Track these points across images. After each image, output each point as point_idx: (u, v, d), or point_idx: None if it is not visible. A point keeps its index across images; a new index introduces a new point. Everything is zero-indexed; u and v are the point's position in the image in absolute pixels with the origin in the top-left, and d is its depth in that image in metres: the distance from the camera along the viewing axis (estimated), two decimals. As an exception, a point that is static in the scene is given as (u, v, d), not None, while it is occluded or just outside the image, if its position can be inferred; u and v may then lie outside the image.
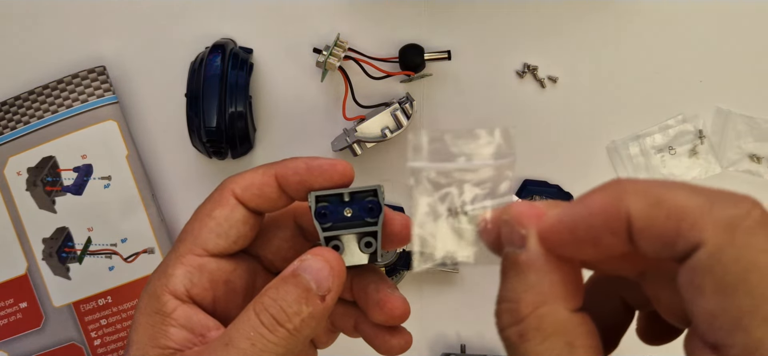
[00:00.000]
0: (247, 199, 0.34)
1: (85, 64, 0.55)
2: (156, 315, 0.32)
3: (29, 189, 0.54)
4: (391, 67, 0.54)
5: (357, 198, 0.33)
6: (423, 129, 0.40)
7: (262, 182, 0.34)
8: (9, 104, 0.55)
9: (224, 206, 0.33)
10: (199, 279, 0.33)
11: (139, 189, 0.54)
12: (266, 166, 0.34)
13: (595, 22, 0.56)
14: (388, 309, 0.35)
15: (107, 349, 0.54)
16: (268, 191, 0.34)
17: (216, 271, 0.34)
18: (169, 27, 0.56)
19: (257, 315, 0.30)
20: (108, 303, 0.54)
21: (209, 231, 0.33)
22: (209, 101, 0.51)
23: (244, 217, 0.34)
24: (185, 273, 0.33)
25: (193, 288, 0.33)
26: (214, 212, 0.33)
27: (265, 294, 0.30)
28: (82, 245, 0.53)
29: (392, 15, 0.56)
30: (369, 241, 0.33)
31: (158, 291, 0.32)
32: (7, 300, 0.54)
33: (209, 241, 0.33)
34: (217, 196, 0.34)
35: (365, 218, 0.33)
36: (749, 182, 0.56)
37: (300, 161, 0.34)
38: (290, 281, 0.30)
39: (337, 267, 0.31)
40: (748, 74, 0.56)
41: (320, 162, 0.33)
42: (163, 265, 0.34)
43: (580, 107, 0.56)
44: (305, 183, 0.33)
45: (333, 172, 0.33)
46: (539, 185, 0.55)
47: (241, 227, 0.34)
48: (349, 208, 0.33)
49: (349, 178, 0.34)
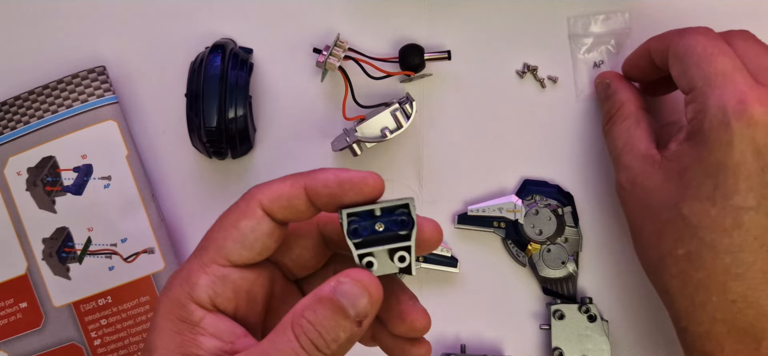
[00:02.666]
0: (274, 210, 0.33)
1: (85, 64, 0.55)
2: (183, 324, 0.32)
3: (29, 189, 0.54)
4: (391, 67, 0.54)
5: (387, 211, 0.33)
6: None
7: (290, 194, 0.33)
8: (9, 104, 0.55)
9: (250, 217, 0.33)
10: (223, 288, 0.33)
11: (139, 189, 0.54)
12: (294, 177, 0.34)
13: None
14: (409, 320, 0.35)
15: (107, 349, 0.54)
16: (296, 203, 0.33)
17: (239, 281, 0.33)
18: (169, 27, 0.56)
19: (297, 338, 0.30)
20: (108, 303, 0.54)
21: (234, 242, 0.33)
22: (209, 101, 0.51)
23: (270, 229, 0.34)
24: (209, 283, 0.33)
25: (216, 298, 0.33)
26: (240, 223, 0.33)
27: (303, 315, 0.30)
28: (82, 245, 0.53)
29: (392, 15, 0.56)
30: (402, 256, 0.32)
31: (182, 299, 0.32)
32: (7, 300, 0.54)
33: (233, 252, 0.33)
34: (244, 205, 0.33)
35: (397, 231, 0.32)
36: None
37: (330, 173, 0.33)
38: (328, 305, 0.30)
39: (375, 294, 0.31)
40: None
41: (351, 175, 0.33)
42: (185, 272, 0.33)
43: (581, 107, 0.56)
44: (335, 197, 0.33)
45: (364, 185, 0.33)
46: (539, 185, 0.55)
47: (266, 239, 0.34)
48: (380, 222, 0.32)
49: (380, 191, 0.33)
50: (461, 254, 0.55)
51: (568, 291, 0.54)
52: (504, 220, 0.55)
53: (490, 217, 0.54)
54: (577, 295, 0.55)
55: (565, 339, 0.53)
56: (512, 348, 0.55)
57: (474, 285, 0.56)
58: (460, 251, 0.55)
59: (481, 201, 0.55)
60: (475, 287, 0.56)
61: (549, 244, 0.54)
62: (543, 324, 0.55)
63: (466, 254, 0.55)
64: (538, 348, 0.55)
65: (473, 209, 0.54)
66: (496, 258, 0.56)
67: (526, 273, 0.56)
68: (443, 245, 0.55)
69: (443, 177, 0.56)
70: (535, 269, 0.54)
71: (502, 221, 0.55)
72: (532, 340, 0.56)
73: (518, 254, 0.55)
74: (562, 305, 0.54)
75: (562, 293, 0.55)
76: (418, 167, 0.56)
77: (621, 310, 0.55)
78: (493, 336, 0.55)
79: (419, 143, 0.56)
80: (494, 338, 0.55)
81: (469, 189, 0.56)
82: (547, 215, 0.54)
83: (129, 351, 0.54)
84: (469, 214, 0.54)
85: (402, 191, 0.56)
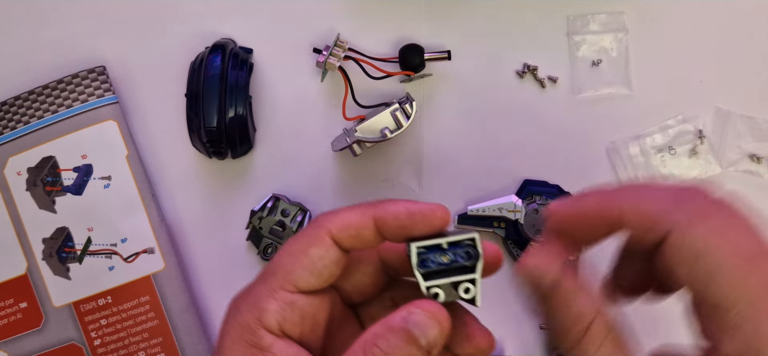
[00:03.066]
0: (343, 239, 0.34)
1: (85, 64, 0.55)
2: (253, 348, 0.33)
3: (29, 189, 0.54)
4: (391, 67, 0.54)
5: (454, 245, 0.33)
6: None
7: (359, 224, 0.34)
8: (9, 104, 0.55)
9: (320, 245, 0.34)
10: (291, 314, 0.34)
11: (139, 189, 0.54)
12: (363, 207, 0.35)
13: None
14: (476, 342, 0.36)
15: (107, 349, 0.54)
16: (365, 233, 0.34)
17: (305, 307, 0.34)
18: (169, 27, 0.56)
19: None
20: (108, 303, 0.54)
21: (303, 269, 0.34)
22: (209, 101, 0.51)
23: (338, 257, 0.34)
24: (278, 309, 0.33)
25: (285, 323, 0.33)
26: (310, 250, 0.34)
27: (375, 343, 0.31)
28: (82, 245, 0.53)
29: (392, 15, 0.56)
30: (468, 287, 0.33)
31: (252, 324, 0.33)
32: (7, 300, 0.54)
33: (302, 279, 0.34)
34: (313, 233, 0.34)
35: (463, 263, 0.33)
36: (749, 182, 0.56)
37: (400, 205, 0.34)
38: (399, 334, 0.31)
39: (444, 324, 0.31)
40: (748, 74, 0.56)
41: (421, 207, 0.34)
42: (253, 297, 0.34)
43: (581, 107, 0.56)
44: (405, 229, 0.34)
45: (433, 218, 0.34)
46: (539, 185, 0.55)
47: (333, 267, 0.34)
48: (446, 254, 0.33)
49: (448, 223, 0.34)
50: (461, 254, 0.55)
51: (568, 291, 0.54)
52: (504, 220, 0.55)
53: (490, 217, 0.54)
54: (577, 295, 0.55)
55: (565, 339, 0.53)
56: (512, 348, 0.55)
57: (474, 284, 0.56)
58: (460, 251, 0.55)
59: (481, 201, 0.55)
60: (475, 287, 0.56)
61: (549, 244, 0.54)
62: (543, 324, 0.55)
63: (466, 254, 0.55)
64: (538, 348, 0.55)
65: (473, 209, 0.54)
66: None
67: (526, 272, 0.56)
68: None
69: (443, 177, 0.56)
70: (535, 269, 0.54)
71: (502, 221, 0.55)
72: (532, 340, 0.56)
73: (518, 255, 0.55)
74: (562, 305, 0.54)
75: (562, 293, 0.54)
76: (418, 167, 0.56)
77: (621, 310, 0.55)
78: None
79: (419, 143, 0.56)
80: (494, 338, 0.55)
81: (469, 189, 0.56)
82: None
83: (129, 351, 0.54)
84: (469, 214, 0.54)
85: (402, 191, 0.56)
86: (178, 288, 0.54)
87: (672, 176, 0.56)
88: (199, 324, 0.55)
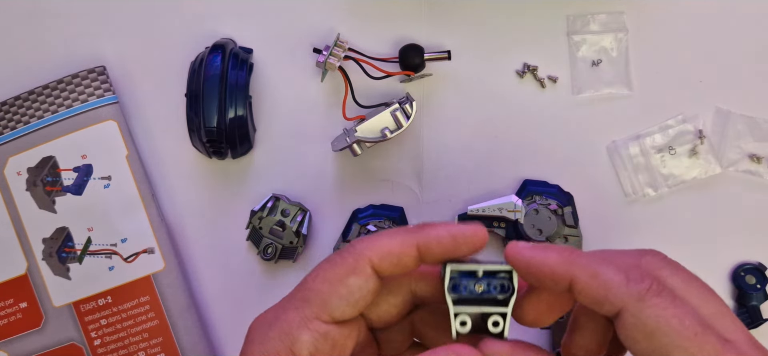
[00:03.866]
0: (383, 268, 0.33)
1: (85, 64, 0.55)
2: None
3: (29, 189, 0.54)
4: (391, 67, 0.54)
5: (489, 274, 0.33)
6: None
7: (401, 252, 0.33)
8: (9, 104, 0.55)
9: (359, 275, 0.33)
10: (323, 345, 0.33)
11: (139, 189, 0.54)
12: (404, 233, 0.34)
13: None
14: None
15: (107, 349, 0.54)
16: (406, 260, 0.33)
17: (337, 337, 0.33)
18: (169, 27, 0.56)
19: None
20: (108, 303, 0.54)
21: (340, 298, 0.33)
22: (209, 101, 0.51)
23: (376, 287, 0.33)
24: (312, 340, 0.32)
25: (316, 354, 0.33)
26: (349, 280, 0.33)
27: None
28: (82, 245, 0.53)
29: (392, 15, 0.56)
30: (497, 321, 0.32)
31: (282, 352, 0.32)
32: (7, 300, 0.54)
33: (338, 309, 0.33)
34: (352, 262, 0.33)
35: (496, 295, 0.32)
36: (749, 181, 0.56)
37: (442, 229, 0.33)
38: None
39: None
40: (748, 74, 0.56)
41: (463, 230, 0.33)
42: (285, 324, 0.33)
43: (581, 107, 0.56)
44: (449, 253, 0.33)
45: (476, 239, 0.33)
46: (539, 185, 0.55)
47: (369, 297, 0.33)
48: (480, 283, 0.33)
49: (485, 243, 0.33)
50: (461, 254, 0.55)
51: (568, 291, 0.54)
52: (504, 220, 0.54)
53: (490, 217, 0.54)
54: (577, 295, 0.55)
55: (565, 339, 0.53)
56: (512, 348, 0.55)
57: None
58: (460, 251, 0.55)
59: (481, 201, 0.55)
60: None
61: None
62: (543, 324, 0.55)
63: (466, 254, 0.55)
64: (538, 348, 0.55)
65: (473, 209, 0.54)
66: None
67: (526, 272, 0.56)
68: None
69: (443, 177, 0.56)
70: (535, 269, 0.54)
71: (502, 221, 0.55)
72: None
73: (518, 254, 0.55)
74: (562, 305, 0.54)
75: (562, 293, 0.54)
76: (418, 167, 0.56)
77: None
78: (493, 336, 0.55)
79: (419, 143, 0.56)
80: (494, 338, 0.55)
81: (469, 189, 0.56)
82: (547, 215, 0.54)
83: (129, 351, 0.54)
84: (469, 214, 0.54)
85: (402, 191, 0.56)
86: (178, 288, 0.54)
87: (672, 176, 0.56)
88: (199, 324, 0.55)
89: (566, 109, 0.56)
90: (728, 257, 0.55)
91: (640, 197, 0.56)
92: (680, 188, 0.56)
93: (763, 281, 0.54)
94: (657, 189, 0.56)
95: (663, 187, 0.56)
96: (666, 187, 0.56)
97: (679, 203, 0.56)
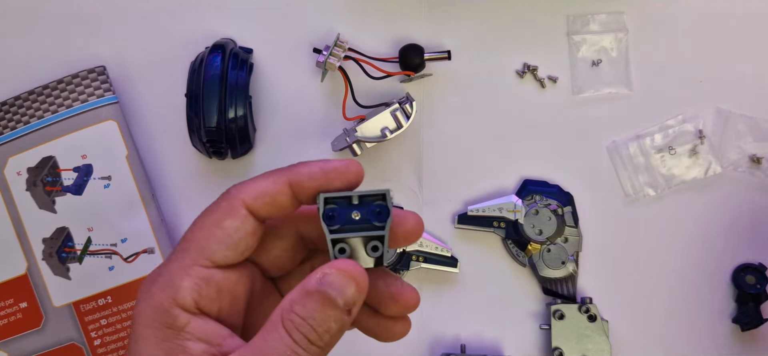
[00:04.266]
0: (258, 208, 0.33)
1: (85, 64, 0.55)
2: (168, 330, 0.31)
3: (29, 189, 0.54)
4: (391, 67, 0.54)
5: (365, 201, 0.33)
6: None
7: (274, 191, 0.33)
8: (9, 104, 0.55)
9: (234, 216, 0.33)
10: (207, 290, 0.32)
11: (139, 189, 0.54)
12: (276, 173, 0.34)
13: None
14: (403, 301, 0.35)
15: (107, 349, 0.54)
16: (281, 199, 0.33)
17: (222, 282, 0.33)
18: (169, 27, 0.56)
19: (289, 334, 0.30)
20: (108, 303, 0.54)
21: (218, 242, 0.32)
22: (209, 101, 0.51)
23: (254, 228, 0.33)
24: (193, 285, 0.32)
25: (201, 300, 0.32)
26: (224, 223, 0.33)
27: (293, 310, 0.30)
28: (82, 245, 0.53)
29: (392, 15, 0.56)
30: (375, 245, 0.32)
31: (166, 304, 0.31)
32: (7, 300, 0.54)
33: (217, 253, 0.32)
34: (226, 205, 0.33)
35: (373, 221, 0.32)
36: (749, 182, 0.56)
37: (314, 165, 0.33)
38: (316, 297, 0.30)
39: (361, 281, 0.31)
40: (748, 74, 0.56)
41: (335, 164, 0.33)
42: (167, 276, 0.32)
43: (581, 107, 0.56)
44: (322, 188, 0.33)
45: (348, 173, 0.33)
46: (539, 185, 0.55)
47: (249, 238, 0.33)
48: (357, 211, 0.32)
49: (361, 178, 0.34)
50: (461, 254, 0.55)
51: (568, 291, 0.54)
52: (504, 220, 0.55)
53: (490, 217, 0.54)
54: (577, 295, 0.55)
55: (565, 339, 0.53)
56: (512, 348, 0.55)
57: (474, 285, 0.56)
58: (460, 251, 0.55)
59: (481, 201, 0.55)
60: (475, 287, 0.56)
61: (549, 244, 0.54)
62: (543, 324, 0.55)
63: (466, 254, 0.55)
64: (538, 348, 0.55)
65: (473, 209, 0.54)
66: (496, 258, 0.56)
67: (526, 273, 0.56)
68: (443, 245, 0.55)
69: (443, 177, 0.56)
70: (535, 269, 0.54)
71: (502, 221, 0.55)
72: (532, 340, 0.56)
73: (518, 255, 0.55)
74: (562, 305, 0.54)
75: (562, 293, 0.55)
76: (418, 167, 0.56)
77: (621, 310, 0.55)
78: (493, 336, 0.55)
79: (419, 143, 0.56)
80: (494, 338, 0.55)
81: (469, 189, 0.56)
82: (547, 215, 0.54)
83: (129, 351, 0.54)
84: (469, 214, 0.54)
85: (402, 191, 0.56)
86: (178, 288, 0.54)
87: (672, 176, 0.56)
88: (199, 324, 0.55)
89: (566, 109, 0.56)
90: (728, 257, 0.55)
91: (641, 197, 0.56)
92: (680, 188, 0.56)
93: (763, 281, 0.54)
94: (657, 189, 0.56)
95: (663, 187, 0.56)
96: (666, 187, 0.56)
97: (679, 203, 0.56)
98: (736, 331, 0.55)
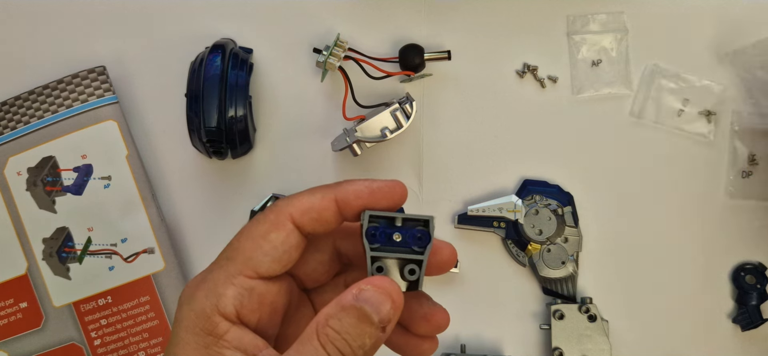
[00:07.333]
0: (304, 223, 0.34)
1: (85, 64, 0.55)
2: (208, 336, 0.32)
3: (29, 189, 0.54)
4: (391, 67, 0.54)
5: (408, 225, 0.33)
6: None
7: (321, 207, 0.34)
8: (9, 104, 0.55)
9: (281, 229, 0.33)
10: (249, 300, 0.33)
11: (139, 189, 0.54)
12: (323, 189, 0.34)
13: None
14: (434, 321, 0.36)
15: (107, 349, 0.54)
16: (326, 215, 0.34)
17: (264, 293, 0.34)
18: (169, 27, 0.56)
19: (324, 347, 0.30)
20: (108, 303, 0.54)
21: (264, 254, 0.33)
22: (209, 101, 0.51)
23: (298, 242, 0.34)
24: (237, 295, 0.33)
25: (242, 310, 0.33)
26: (270, 236, 0.33)
27: (327, 324, 0.30)
28: (82, 245, 0.53)
29: (392, 15, 0.56)
30: (413, 269, 0.33)
31: (208, 310, 0.32)
32: (7, 300, 0.54)
33: (262, 264, 0.33)
34: (274, 218, 0.34)
35: (412, 246, 0.33)
36: (749, 182, 0.56)
37: (360, 184, 0.34)
38: (352, 312, 0.30)
39: (397, 299, 0.31)
40: (747, 74, 0.56)
41: (381, 184, 0.34)
42: (211, 283, 0.33)
43: (581, 107, 0.56)
44: (366, 206, 0.34)
45: (393, 194, 0.34)
46: (539, 185, 0.55)
47: (293, 252, 0.34)
48: (398, 233, 0.33)
49: (404, 199, 0.34)
50: (461, 254, 0.55)
51: (568, 291, 0.54)
52: (504, 220, 0.55)
53: (490, 217, 0.54)
54: (577, 295, 0.55)
55: (565, 339, 0.53)
56: (512, 348, 0.55)
57: (474, 285, 0.56)
58: (460, 251, 0.55)
59: (481, 201, 0.55)
60: (475, 287, 0.56)
61: (549, 244, 0.54)
62: (543, 324, 0.55)
63: (466, 254, 0.55)
64: (538, 348, 0.55)
65: (473, 209, 0.54)
66: (496, 258, 0.56)
67: (526, 273, 0.56)
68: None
69: (443, 177, 0.56)
70: (535, 269, 0.54)
71: (502, 221, 0.55)
72: (532, 340, 0.56)
73: (518, 255, 0.55)
74: (562, 305, 0.54)
75: (562, 293, 0.55)
76: (418, 167, 0.56)
77: (621, 310, 0.55)
78: (493, 336, 0.55)
79: (419, 143, 0.56)
80: (494, 338, 0.55)
81: (469, 189, 0.56)
82: (547, 215, 0.54)
83: (129, 351, 0.54)
84: (469, 214, 0.54)
85: (402, 191, 0.56)
86: (178, 289, 0.54)
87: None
88: (199, 324, 0.55)
89: (566, 109, 0.56)
90: (728, 257, 0.55)
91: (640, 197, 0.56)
92: (679, 187, 0.56)
93: (763, 281, 0.54)
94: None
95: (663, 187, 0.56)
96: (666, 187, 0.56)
97: (679, 202, 0.56)
98: (736, 331, 0.55)
